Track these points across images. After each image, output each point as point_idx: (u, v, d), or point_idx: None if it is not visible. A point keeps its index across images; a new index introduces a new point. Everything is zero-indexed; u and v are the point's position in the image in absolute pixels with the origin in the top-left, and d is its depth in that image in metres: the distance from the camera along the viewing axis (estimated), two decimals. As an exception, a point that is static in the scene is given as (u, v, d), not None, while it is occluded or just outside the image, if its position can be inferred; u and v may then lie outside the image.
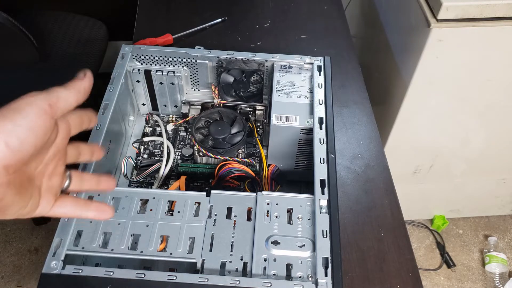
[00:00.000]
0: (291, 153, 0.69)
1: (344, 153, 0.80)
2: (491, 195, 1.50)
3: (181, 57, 0.73)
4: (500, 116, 1.14)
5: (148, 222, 0.53)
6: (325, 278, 0.48)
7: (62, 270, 0.47)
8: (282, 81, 0.70)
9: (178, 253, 0.51)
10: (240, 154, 0.74)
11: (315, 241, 0.51)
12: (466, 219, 1.63)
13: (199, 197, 0.56)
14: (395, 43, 1.14)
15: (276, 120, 0.65)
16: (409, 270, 0.66)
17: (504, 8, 0.89)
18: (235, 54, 0.72)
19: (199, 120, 0.74)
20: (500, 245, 1.56)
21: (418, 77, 1.01)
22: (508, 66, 1.01)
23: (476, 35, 0.93)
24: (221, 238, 0.52)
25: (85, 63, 1.27)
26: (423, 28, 0.94)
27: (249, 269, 0.50)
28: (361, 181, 0.76)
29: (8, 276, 1.42)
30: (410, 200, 1.38)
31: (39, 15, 1.39)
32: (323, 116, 0.64)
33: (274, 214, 0.54)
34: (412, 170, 1.31)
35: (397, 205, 0.73)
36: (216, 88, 0.76)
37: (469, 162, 1.30)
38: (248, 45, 1.00)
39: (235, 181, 0.69)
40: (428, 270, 1.50)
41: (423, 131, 1.19)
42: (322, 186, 0.56)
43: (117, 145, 0.70)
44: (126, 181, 0.70)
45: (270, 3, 1.12)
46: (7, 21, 0.99)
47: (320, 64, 0.71)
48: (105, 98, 0.65)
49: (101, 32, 1.37)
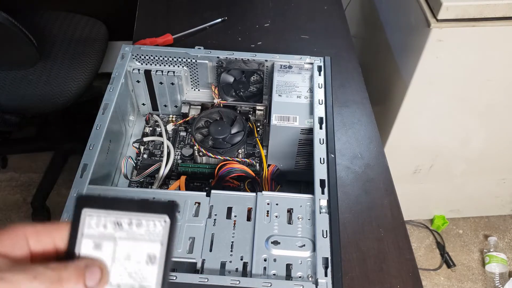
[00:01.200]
0: (291, 153, 0.69)
1: (344, 153, 0.80)
2: (491, 195, 1.50)
3: (181, 57, 0.73)
4: (500, 116, 1.14)
5: (148, 222, 0.53)
6: (325, 278, 0.48)
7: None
8: (282, 81, 0.70)
9: (178, 253, 0.51)
10: (240, 154, 0.74)
11: (315, 241, 0.51)
12: (466, 219, 1.63)
13: (199, 197, 0.56)
14: (395, 43, 1.14)
15: (276, 120, 0.65)
16: (409, 270, 0.66)
17: (504, 8, 0.89)
18: (235, 54, 0.72)
19: (199, 120, 0.74)
20: (500, 245, 1.56)
21: (418, 77, 1.01)
22: (508, 66, 1.01)
23: (476, 35, 0.93)
24: (221, 238, 0.52)
25: (85, 63, 1.27)
26: (423, 28, 0.94)
27: (249, 269, 0.50)
28: (361, 181, 0.76)
29: (8, 276, 1.42)
30: (410, 200, 1.38)
31: (39, 15, 1.39)
32: (323, 116, 0.64)
33: (274, 214, 0.54)
34: (412, 170, 1.31)
35: (397, 205, 0.73)
36: (216, 88, 0.76)
37: (469, 162, 1.30)
38: (248, 45, 0.99)
39: (235, 181, 0.69)
40: (428, 270, 1.50)
41: (423, 131, 1.19)
42: (322, 186, 0.56)
43: (117, 145, 0.70)
44: (126, 181, 0.70)
45: (270, 3, 1.12)
46: (7, 21, 0.99)
47: (320, 64, 0.71)
48: (105, 98, 0.65)
49: (101, 32, 1.37)
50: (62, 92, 1.20)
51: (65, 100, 1.20)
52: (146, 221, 0.30)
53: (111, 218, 0.31)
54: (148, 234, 0.30)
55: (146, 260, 0.30)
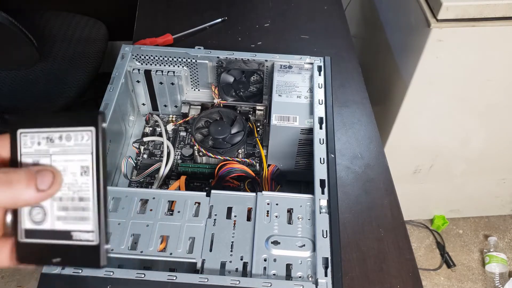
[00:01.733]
0: (291, 153, 0.69)
1: (344, 153, 0.80)
2: (491, 195, 1.50)
3: (181, 57, 0.73)
4: (500, 116, 1.14)
5: (148, 222, 0.53)
6: (325, 278, 0.48)
7: (62, 270, 0.47)
8: (282, 81, 0.70)
9: (178, 253, 0.51)
10: (240, 154, 0.74)
11: (315, 241, 0.51)
12: (466, 219, 1.63)
13: (199, 197, 0.56)
14: (395, 43, 1.14)
15: (276, 120, 0.65)
16: (409, 270, 0.66)
17: (504, 8, 0.89)
18: (235, 54, 0.72)
19: (199, 120, 0.74)
20: (500, 245, 1.56)
21: (418, 77, 1.01)
22: (508, 66, 1.01)
23: (476, 35, 0.93)
24: (221, 238, 0.52)
25: (85, 63, 1.27)
26: (423, 28, 0.94)
27: (249, 269, 0.50)
28: (361, 181, 0.76)
29: (8, 276, 1.42)
30: (410, 200, 1.38)
31: (39, 15, 1.39)
32: (323, 116, 0.64)
33: (274, 214, 0.54)
34: (412, 170, 1.31)
35: (397, 205, 0.73)
36: (216, 88, 0.76)
37: (469, 162, 1.30)
38: (248, 45, 1.00)
39: (235, 181, 0.69)
40: (428, 270, 1.50)
41: (423, 131, 1.19)
42: (322, 186, 0.56)
43: (117, 145, 0.70)
44: (126, 181, 0.70)
45: (270, 3, 1.12)
46: (7, 21, 0.99)
47: (320, 64, 0.71)
48: (105, 98, 0.65)
49: (101, 32, 1.37)
50: (62, 92, 1.20)
51: (65, 100, 1.20)
52: (74, 134, 0.31)
53: (43, 135, 0.32)
54: (79, 146, 0.31)
55: (81, 171, 0.31)
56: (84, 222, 0.31)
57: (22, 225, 0.31)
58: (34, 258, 0.31)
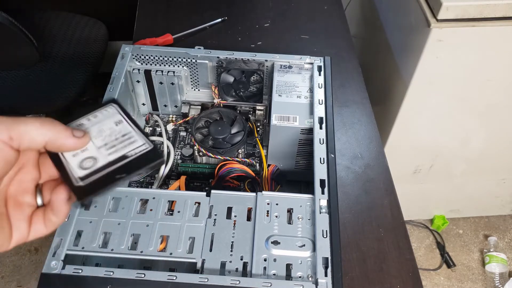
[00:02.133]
0: (291, 153, 0.69)
1: (344, 153, 0.80)
2: (491, 195, 1.50)
3: (181, 57, 0.73)
4: (500, 116, 1.14)
5: (148, 222, 0.53)
6: (325, 278, 0.48)
7: (62, 270, 0.47)
8: (282, 81, 0.70)
9: (178, 253, 0.51)
10: (240, 154, 0.74)
11: (315, 241, 0.51)
12: (466, 219, 1.63)
13: (199, 197, 0.56)
14: (395, 43, 1.14)
15: (276, 120, 0.65)
16: (409, 270, 0.66)
17: (504, 8, 0.89)
18: (235, 54, 0.72)
19: (199, 120, 0.74)
20: (500, 245, 1.56)
21: (418, 77, 1.01)
22: (508, 66, 1.01)
23: (476, 35, 0.93)
24: (221, 238, 0.52)
25: (85, 63, 1.27)
26: (423, 28, 0.94)
27: (249, 269, 0.50)
28: (361, 181, 0.76)
29: (8, 276, 1.42)
30: (410, 200, 1.38)
31: (39, 15, 1.39)
32: (323, 116, 0.64)
33: (274, 214, 0.54)
34: (412, 170, 1.31)
35: (397, 205, 0.73)
36: (216, 88, 0.76)
37: (469, 162, 1.30)
38: (248, 45, 1.00)
39: (235, 181, 0.69)
40: (428, 270, 1.50)
41: (423, 131, 1.19)
42: (322, 186, 0.56)
43: (117, 145, 0.70)
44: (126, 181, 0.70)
45: (270, 3, 1.12)
46: (7, 21, 0.99)
47: (320, 64, 0.71)
48: (105, 98, 0.65)
49: (101, 32, 1.37)
50: (62, 92, 1.20)
51: (65, 100, 1.20)
52: (100, 112, 0.41)
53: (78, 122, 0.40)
54: (106, 115, 0.41)
55: (115, 123, 0.41)
56: (134, 142, 0.39)
57: (74, 174, 0.37)
58: (97, 187, 0.37)
